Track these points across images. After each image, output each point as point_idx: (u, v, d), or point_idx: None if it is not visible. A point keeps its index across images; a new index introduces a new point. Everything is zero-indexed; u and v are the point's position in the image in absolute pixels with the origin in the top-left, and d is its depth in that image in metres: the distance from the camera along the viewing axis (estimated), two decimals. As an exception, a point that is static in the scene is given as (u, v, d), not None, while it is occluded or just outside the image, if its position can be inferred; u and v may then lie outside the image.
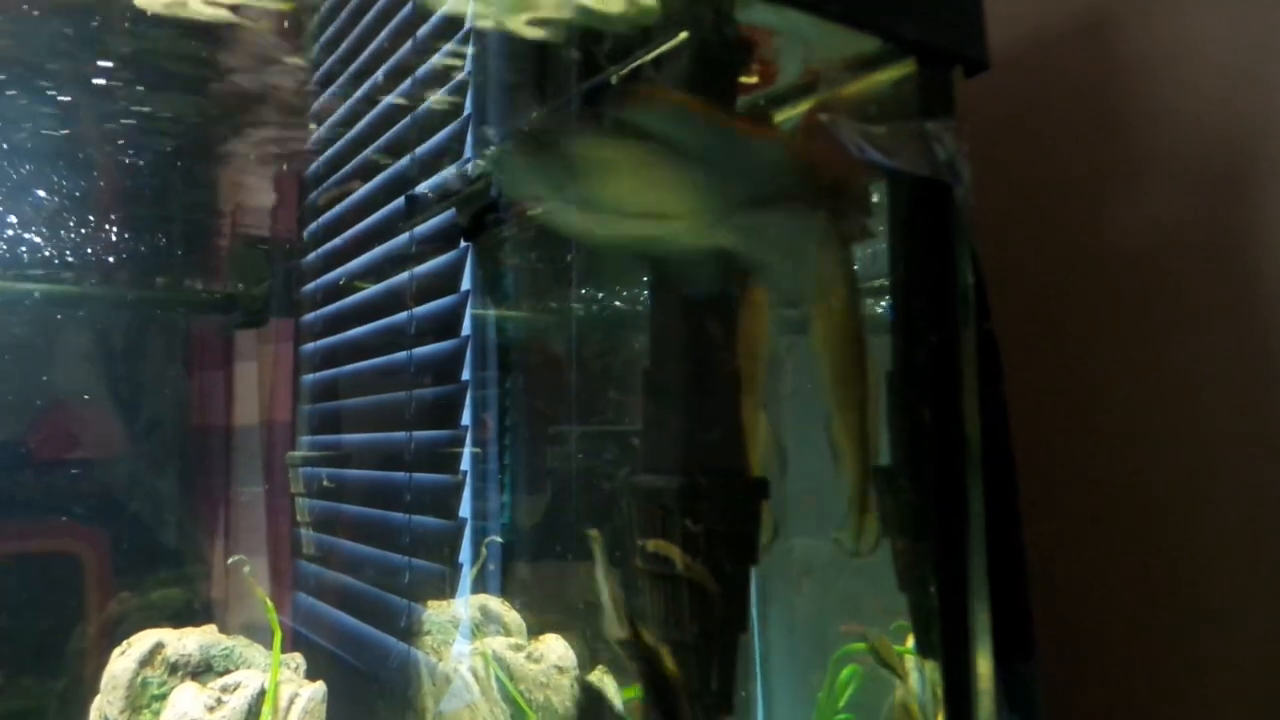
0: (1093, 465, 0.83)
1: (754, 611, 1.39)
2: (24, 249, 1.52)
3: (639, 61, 0.62)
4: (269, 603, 1.10)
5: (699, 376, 0.57)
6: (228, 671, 1.12)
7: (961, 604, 0.58)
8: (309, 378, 1.67)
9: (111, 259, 1.57)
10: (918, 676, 1.29)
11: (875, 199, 0.64)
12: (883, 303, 0.66)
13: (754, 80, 0.64)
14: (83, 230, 1.52)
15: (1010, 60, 0.70)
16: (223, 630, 1.20)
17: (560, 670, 1.16)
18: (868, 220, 0.62)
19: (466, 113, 1.37)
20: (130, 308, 1.64)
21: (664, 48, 0.60)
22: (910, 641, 1.31)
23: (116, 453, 1.71)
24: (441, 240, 1.42)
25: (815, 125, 0.59)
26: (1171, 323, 0.79)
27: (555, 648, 1.18)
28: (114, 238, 1.56)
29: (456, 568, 1.38)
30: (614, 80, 0.62)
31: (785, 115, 0.65)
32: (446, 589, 1.36)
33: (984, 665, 0.57)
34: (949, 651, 0.58)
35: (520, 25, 1.10)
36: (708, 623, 0.55)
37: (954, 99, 0.60)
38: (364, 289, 1.57)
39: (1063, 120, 0.87)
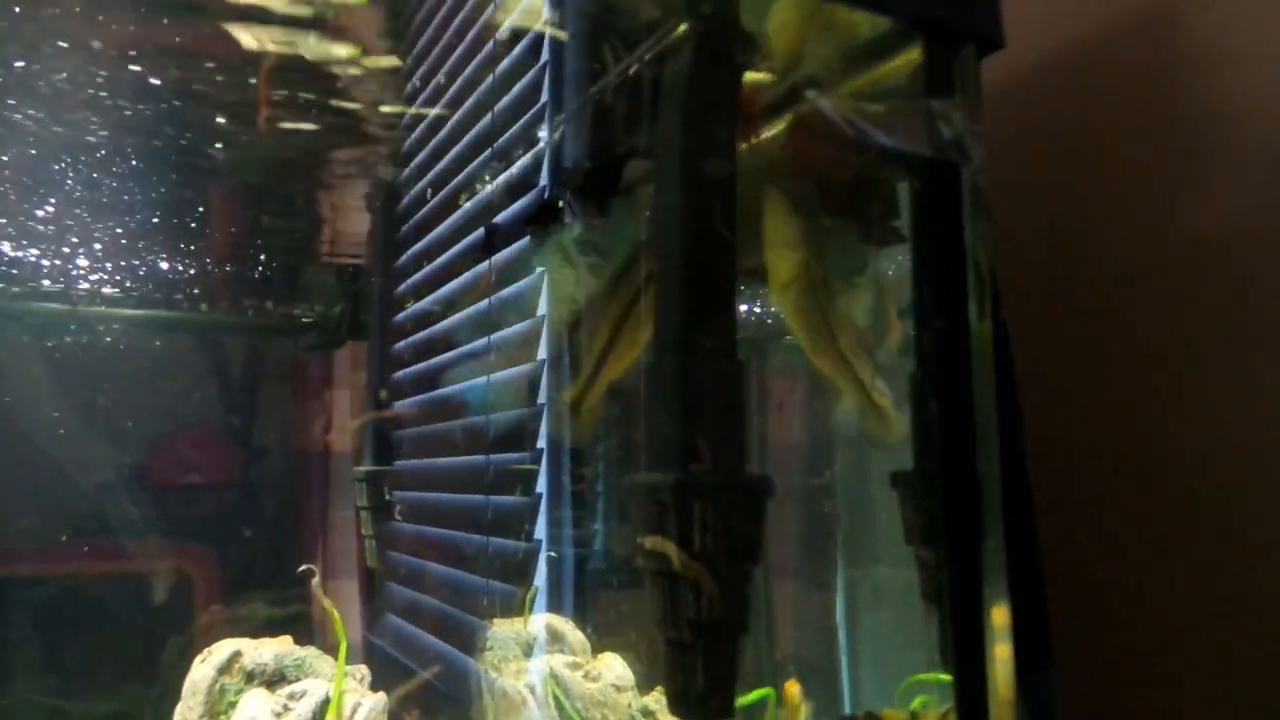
0: (1133, 463, 0.78)
1: (842, 638, 1.34)
2: (139, 277, 1.63)
3: (642, 55, 0.62)
4: (335, 613, 1.13)
5: (699, 370, 0.55)
6: (299, 680, 1.16)
7: (977, 612, 0.55)
8: (397, 403, 1.72)
9: (217, 285, 1.67)
10: None
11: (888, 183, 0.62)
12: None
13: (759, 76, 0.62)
14: (191, 258, 1.62)
15: (1072, 55, 0.67)
16: (311, 644, 1.24)
17: (618, 689, 1.15)
18: (875, 208, 0.60)
19: (543, 141, 1.40)
20: (234, 332, 1.74)
21: (670, 38, 0.60)
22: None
23: (225, 477, 1.81)
24: (519, 265, 1.45)
25: (811, 121, 0.58)
26: (1235, 320, 0.73)
27: (613, 666, 1.17)
28: (222, 265, 1.65)
29: (531, 588, 1.39)
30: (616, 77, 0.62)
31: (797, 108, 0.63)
32: (516, 608, 1.36)
33: (1003, 676, 0.53)
34: (963, 661, 0.54)
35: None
36: (704, 622, 0.53)
37: (968, 77, 0.57)
38: (446, 315, 1.61)
39: (1124, 115, 0.83)
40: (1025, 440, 0.56)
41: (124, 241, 1.54)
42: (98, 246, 1.53)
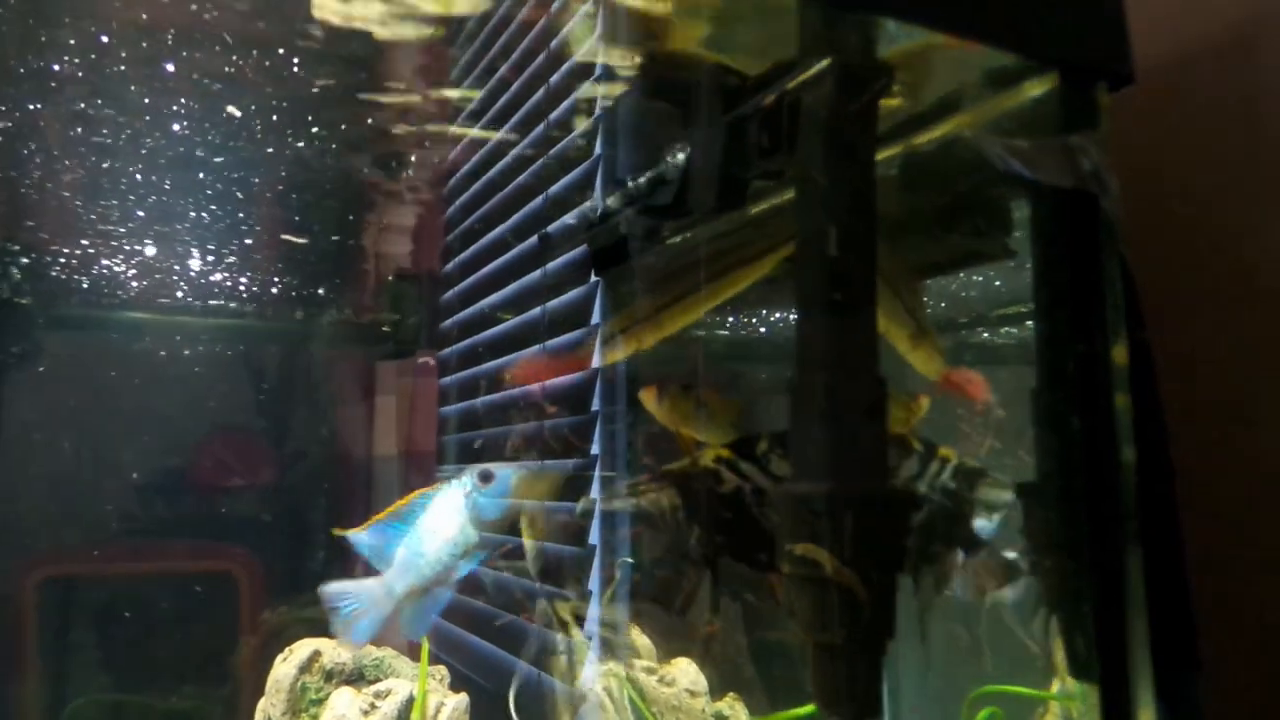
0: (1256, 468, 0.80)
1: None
2: (191, 283, 1.66)
3: (781, 89, 0.65)
4: (416, 615, 1.16)
5: (846, 386, 0.58)
6: (378, 680, 1.18)
7: (1119, 619, 0.57)
8: (447, 409, 1.75)
9: (271, 292, 1.70)
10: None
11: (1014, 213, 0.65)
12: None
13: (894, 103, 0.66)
14: (244, 265, 1.65)
15: (1155, 76, 0.70)
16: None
17: (692, 695, 1.17)
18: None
19: (598, 153, 1.44)
20: (285, 339, 1.77)
21: (806, 75, 0.63)
22: (1055, 685, 1.27)
23: (280, 480, 1.83)
24: (573, 274, 1.48)
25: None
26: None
27: (688, 672, 1.19)
28: (272, 272, 1.68)
29: (586, 593, 1.41)
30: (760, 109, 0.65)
31: (930, 135, 0.67)
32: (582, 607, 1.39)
33: (1143, 681, 0.56)
34: (1106, 670, 0.57)
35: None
36: (856, 626, 0.56)
37: (1099, 112, 0.61)
38: (499, 322, 1.65)
39: (1210, 137, 0.86)
40: (1169, 449, 0.58)
41: (204, 251, 1.58)
42: (182, 255, 1.56)
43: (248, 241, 1.61)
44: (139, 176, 1.44)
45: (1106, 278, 0.58)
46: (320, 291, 1.74)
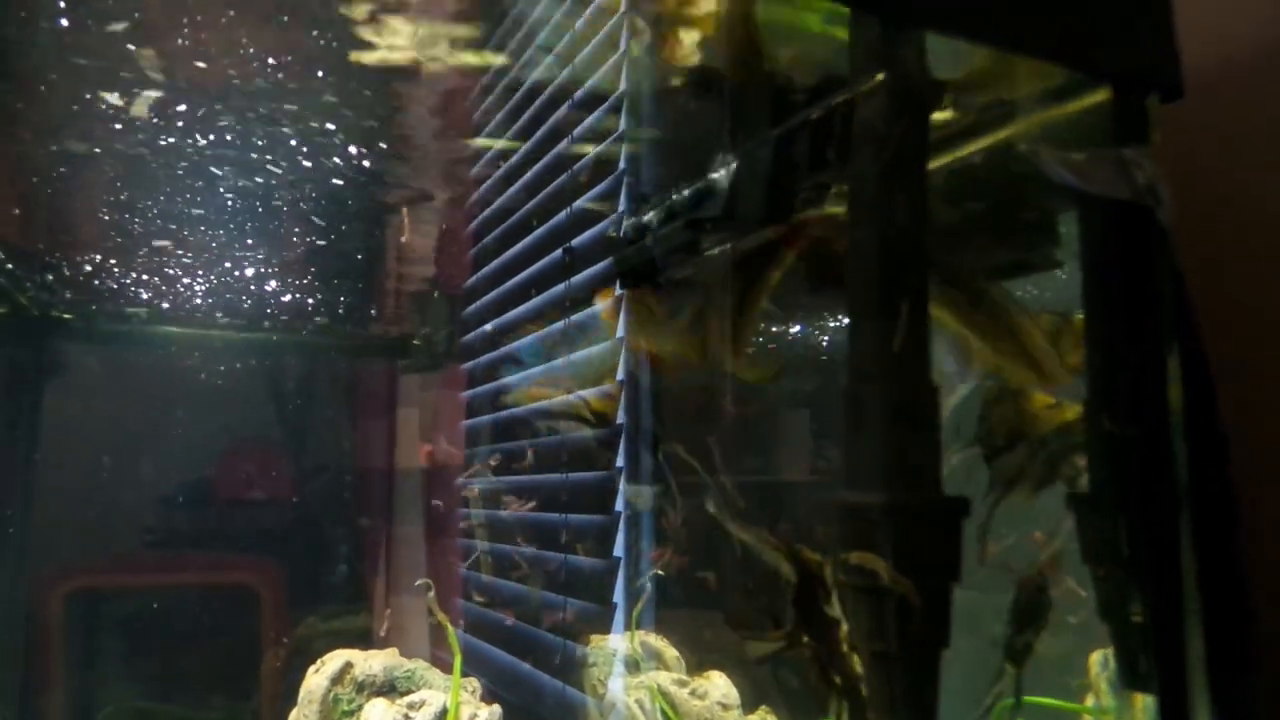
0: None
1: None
2: (221, 297, 1.68)
3: (832, 105, 0.66)
4: (449, 626, 1.16)
5: (899, 395, 0.59)
6: (409, 691, 1.19)
7: (1176, 630, 0.58)
8: (471, 422, 1.76)
9: (293, 306, 1.72)
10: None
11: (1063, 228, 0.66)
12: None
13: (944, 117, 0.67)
14: (268, 279, 1.67)
15: (1202, 87, 0.70)
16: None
17: (724, 708, 1.17)
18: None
19: (621, 168, 1.45)
20: (309, 352, 1.78)
21: (860, 89, 0.64)
22: (1090, 699, 1.26)
23: (305, 492, 1.84)
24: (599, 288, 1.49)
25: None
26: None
27: (719, 684, 1.19)
28: (297, 287, 1.70)
29: (610, 605, 1.41)
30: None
31: (977, 146, 0.67)
32: (604, 625, 1.39)
33: (1199, 689, 0.56)
34: (1164, 680, 0.57)
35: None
36: (912, 635, 0.56)
37: (1149, 124, 0.61)
38: (524, 336, 1.66)
39: (1259, 148, 0.85)
40: (1228, 459, 0.59)
41: (231, 265, 1.59)
42: (207, 267, 1.58)
43: (273, 255, 1.63)
44: (158, 186, 1.46)
45: (1162, 289, 0.59)
46: (344, 303, 1.76)
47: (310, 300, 1.71)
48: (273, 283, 1.60)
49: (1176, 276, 0.59)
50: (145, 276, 1.60)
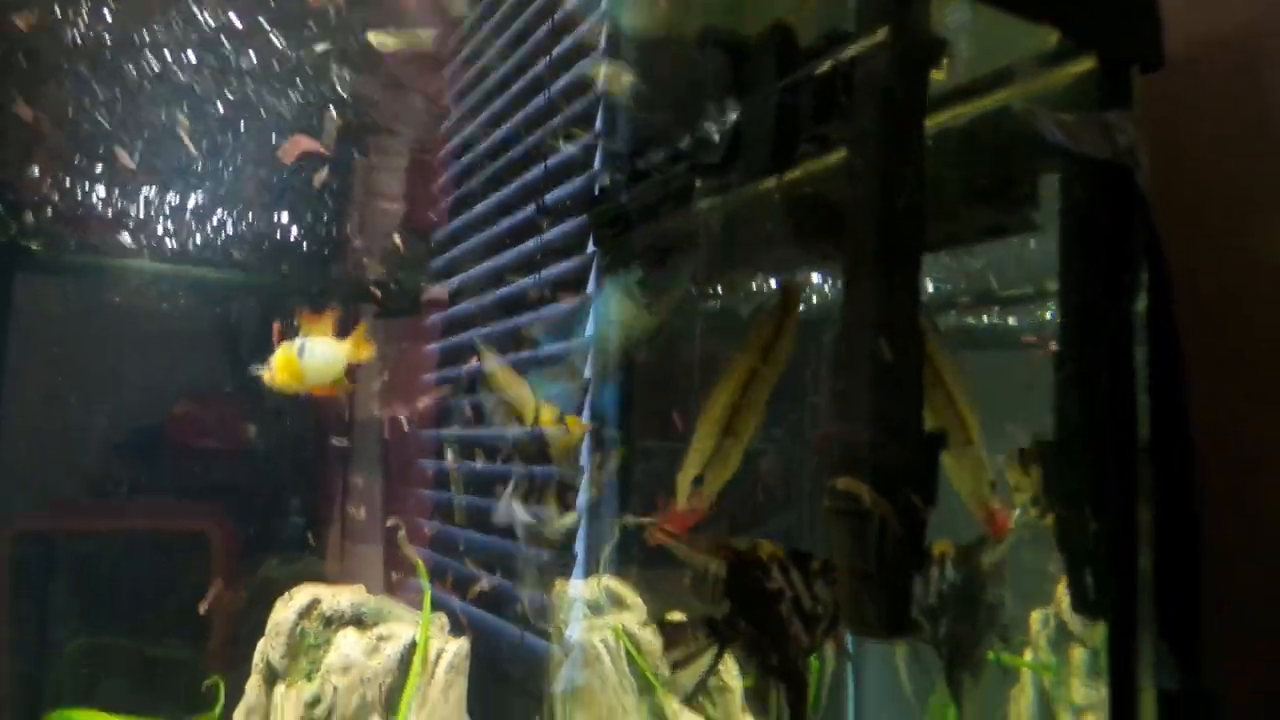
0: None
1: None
2: (188, 236, 1.64)
3: (831, 65, 0.69)
4: (420, 564, 1.18)
5: (886, 336, 0.63)
6: (375, 624, 1.20)
7: (1130, 558, 0.63)
8: (439, 373, 1.76)
9: (264, 247, 1.69)
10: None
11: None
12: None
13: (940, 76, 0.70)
14: (237, 219, 1.64)
15: (1186, 62, 0.74)
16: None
17: (684, 648, 1.21)
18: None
19: (597, 129, 1.46)
20: (276, 294, 1.76)
21: (860, 44, 0.67)
22: (1028, 654, 1.33)
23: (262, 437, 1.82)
24: (571, 244, 1.50)
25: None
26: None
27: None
28: (272, 228, 1.67)
29: (572, 554, 1.44)
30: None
31: (973, 107, 0.71)
32: (568, 571, 1.42)
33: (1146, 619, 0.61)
34: (1116, 605, 0.62)
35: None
36: (890, 555, 0.61)
37: (1131, 93, 0.66)
38: (495, 288, 1.66)
39: (1238, 125, 0.87)
40: (1189, 416, 0.63)
41: (193, 201, 1.57)
42: (164, 203, 1.55)
43: (235, 193, 1.61)
44: (122, 120, 1.43)
45: (1138, 247, 0.63)
46: (306, 247, 1.73)
47: (269, 241, 1.68)
48: (231, 222, 1.58)
49: (1152, 235, 0.63)
50: (96, 208, 1.56)
